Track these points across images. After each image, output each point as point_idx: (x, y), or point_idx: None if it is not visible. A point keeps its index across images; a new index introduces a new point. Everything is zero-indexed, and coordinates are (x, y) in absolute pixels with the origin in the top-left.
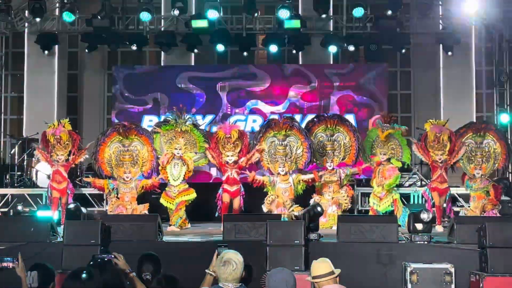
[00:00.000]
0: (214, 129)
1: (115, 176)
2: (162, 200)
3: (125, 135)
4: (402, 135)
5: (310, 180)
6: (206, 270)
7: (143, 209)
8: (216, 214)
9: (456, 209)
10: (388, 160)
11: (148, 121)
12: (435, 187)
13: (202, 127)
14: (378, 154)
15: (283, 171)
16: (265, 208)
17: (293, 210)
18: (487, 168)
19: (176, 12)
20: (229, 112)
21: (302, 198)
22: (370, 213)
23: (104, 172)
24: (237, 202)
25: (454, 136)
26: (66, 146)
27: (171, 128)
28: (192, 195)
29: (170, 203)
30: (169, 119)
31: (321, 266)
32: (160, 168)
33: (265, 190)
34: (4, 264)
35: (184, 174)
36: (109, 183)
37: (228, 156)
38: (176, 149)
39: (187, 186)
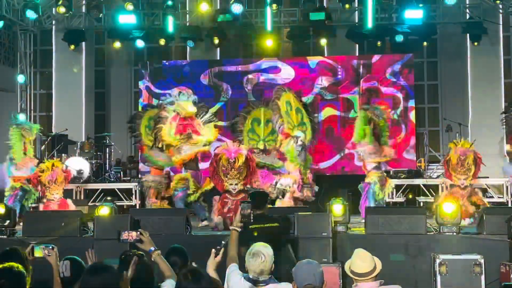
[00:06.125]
0: (216, 150)
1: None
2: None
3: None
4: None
5: None
6: (231, 227)
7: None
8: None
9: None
10: None
11: None
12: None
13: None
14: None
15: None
16: None
17: None
18: None
19: (203, 6)
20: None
21: None
22: None
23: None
24: None
25: (480, 159)
26: (60, 184)
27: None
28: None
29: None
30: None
31: (364, 265)
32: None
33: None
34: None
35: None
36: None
37: (231, 184)
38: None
39: None
